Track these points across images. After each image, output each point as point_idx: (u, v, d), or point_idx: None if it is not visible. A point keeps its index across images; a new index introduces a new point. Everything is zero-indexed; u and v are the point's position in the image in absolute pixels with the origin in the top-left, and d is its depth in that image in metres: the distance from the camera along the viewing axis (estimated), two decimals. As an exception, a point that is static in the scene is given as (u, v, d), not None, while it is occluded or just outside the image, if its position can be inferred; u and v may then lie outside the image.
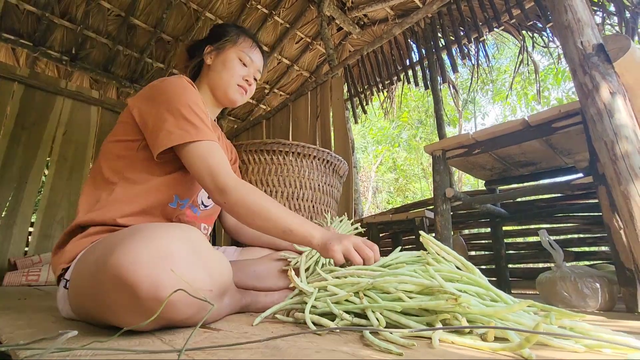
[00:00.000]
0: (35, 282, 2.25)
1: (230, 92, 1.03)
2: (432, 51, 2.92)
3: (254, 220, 0.79)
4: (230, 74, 1.01)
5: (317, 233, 0.79)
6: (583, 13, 1.10)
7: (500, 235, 2.02)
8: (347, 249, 0.75)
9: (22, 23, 3.02)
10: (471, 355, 0.45)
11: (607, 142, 0.98)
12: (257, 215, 0.79)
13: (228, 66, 1.02)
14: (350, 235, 0.79)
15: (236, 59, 1.03)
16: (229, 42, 1.04)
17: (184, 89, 0.85)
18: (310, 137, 3.09)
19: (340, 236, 0.78)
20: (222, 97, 1.04)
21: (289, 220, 0.79)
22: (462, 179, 8.97)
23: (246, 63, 1.04)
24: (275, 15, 3.49)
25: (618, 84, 1.01)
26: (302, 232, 0.78)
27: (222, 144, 1.10)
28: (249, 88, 1.06)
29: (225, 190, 0.78)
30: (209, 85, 1.04)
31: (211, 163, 0.80)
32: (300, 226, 0.78)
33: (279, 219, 0.78)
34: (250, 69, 1.05)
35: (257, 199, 0.79)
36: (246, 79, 1.04)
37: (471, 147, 1.52)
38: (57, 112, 3.07)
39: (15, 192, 2.74)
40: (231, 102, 1.05)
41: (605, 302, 1.10)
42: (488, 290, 0.61)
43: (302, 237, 0.78)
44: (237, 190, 0.79)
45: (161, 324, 0.58)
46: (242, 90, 1.04)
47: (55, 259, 0.80)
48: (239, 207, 0.79)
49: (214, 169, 0.80)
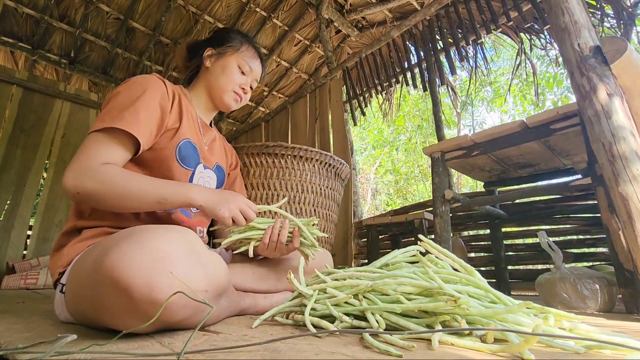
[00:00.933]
0: (34, 286, 2.24)
1: (226, 97, 1.03)
2: (431, 53, 2.94)
3: (122, 202, 0.74)
4: (228, 79, 1.02)
5: (197, 195, 0.78)
6: (580, 15, 1.11)
7: (500, 237, 2.02)
8: (235, 215, 0.79)
9: (21, 26, 3.02)
10: (470, 357, 0.45)
11: (604, 143, 0.99)
12: (124, 197, 0.73)
13: (227, 72, 1.02)
14: (236, 197, 0.82)
15: (236, 66, 1.03)
16: (231, 49, 1.04)
17: (142, 84, 0.85)
18: (309, 140, 3.09)
19: (226, 198, 0.80)
20: (217, 100, 1.04)
21: (160, 190, 0.76)
22: (461, 181, 8.98)
23: (245, 72, 1.05)
24: (274, 17, 3.50)
25: (615, 86, 1.02)
26: (179, 198, 0.77)
27: (217, 146, 1.09)
28: (244, 96, 1.07)
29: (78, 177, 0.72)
30: (206, 88, 1.04)
31: (85, 148, 0.75)
32: (177, 192, 0.77)
33: (147, 193, 0.74)
34: (248, 77, 1.06)
35: (118, 179, 0.73)
36: (243, 87, 1.05)
37: (470, 148, 1.53)
38: (55, 115, 3.07)
39: (14, 195, 2.74)
40: (225, 107, 1.06)
41: (604, 303, 1.10)
42: (487, 291, 0.61)
43: (181, 203, 0.77)
44: (94, 176, 0.72)
45: (158, 326, 0.58)
46: (238, 97, 1.05)
47: (52, 262, 0.80)
48: (101, 191, 0.72)
49: (80, 154, 0.74)
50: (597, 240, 1.92)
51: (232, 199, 0.81)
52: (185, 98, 1.00)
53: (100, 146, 0.76)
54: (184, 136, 0.92)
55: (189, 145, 0.93)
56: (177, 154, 0.90)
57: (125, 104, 0.80)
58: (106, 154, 0.76)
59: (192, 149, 0.94)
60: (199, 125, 1.02)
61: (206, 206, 0.78)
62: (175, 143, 0.90)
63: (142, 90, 0.84)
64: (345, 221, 2.68)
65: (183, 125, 0.93)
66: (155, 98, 0.85)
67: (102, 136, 0.77)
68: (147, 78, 0.88)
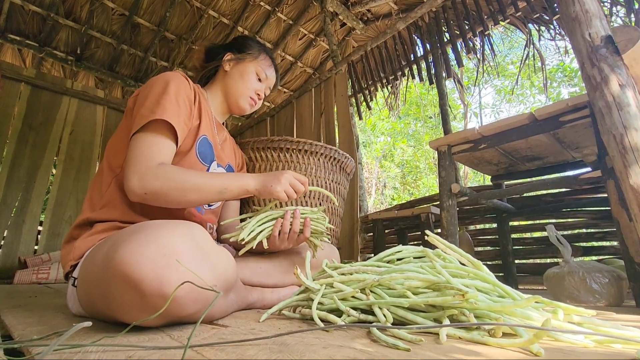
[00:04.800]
0: (45, 280, 2.28)
1: (242, 101, 1.07)
2: (437, 46, 2.90)
3: (186, 196, 0.78)
4: (246, 85, 1.06)
5: (251, 181, 0.84)
6: (591, 4, 1.09)
7: (507, 231, 2.01)
8: (287, 189, 0.83)
9: (28, 24, 3.04)
10: (479, 351, 0.45)
11: (615, 135, 0.97)
12: (187, 191, 0.77)
13: (245, 78, 1.06)
14: (285, 173, 0.85)
15: (254, 73, 1.08)
16: (250, 56, 1.09)
17: (173, 79, 0.88)
18: (314, 134, 3.09)
19: (275, 175, 0.85)
20: (233, 104, 1.08)
21: (218, 181, 0.81)
22: (468, 175, 8.91)
23: (262, 79, 1.10)
24: (278, 12, 3.48)
25: (627, 76, 1.00)
26: (237, 186, 0.82)
27: (228, 147, 1.12)
28: (259, 102, 1.12)
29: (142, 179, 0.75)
30: (223, 91, 1.08)
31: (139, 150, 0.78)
32: (234, 181, 0.82)
33: (208, 185, 0.80)
34: (264, 84, 1.11)
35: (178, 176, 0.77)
36: (258, 92, 1.10)
37: (477, 142, 1.51)
38: (63, 112, 3.10)
39: (24, 192, 2.78)
40: (240, 111, 1.10)
41: (613, 297, 1.09)
42: (495, 286, 0.61)
43: (239, 190, 0.82)
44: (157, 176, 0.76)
45: (168, 320, 0.59)
46: (253, 102, 1.09)
47: (64, 253, 0.82)
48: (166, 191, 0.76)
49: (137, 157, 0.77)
50: (607, 233, 1.89)
51: (282, 175, 0.84)
52: (203, 97, 1.03)
53: (152, 146, 0.79)
54: (202, 132, 0.95)
55: (206, 142, 0.97)
56: (196, 150, 0.93)
57: (158, 98, 0.83)
58: (158, 152, 0.79)
59: (208, 146, 0.97)
60: (214, 125, 1.05)
61: (260, 188, 0.84)
62: (196, 139, 0.93)
63: (172, 85, 0.87)
64: (351, 215, 2.67)
65: (202, 122, 0.96)
66: (183, 93, 0.88)
67: (148, 135, 0.80)
68: (173, 74, 0.91)
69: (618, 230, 1.07)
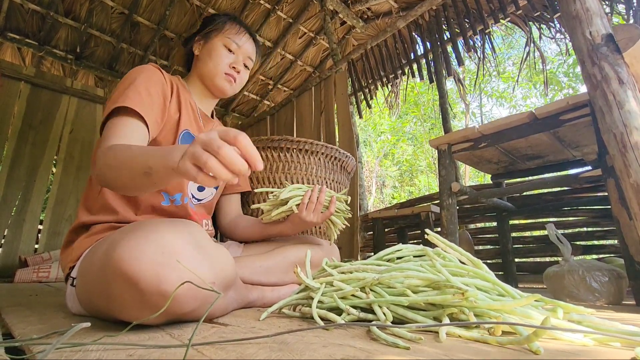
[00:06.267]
0: (46, 279, 2.28)
1: (217, 80, 0.99)
2: (437, 44, 2.89)
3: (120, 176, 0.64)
4: (215, 62, 0.98)
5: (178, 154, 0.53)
6: (592, 2, 1.08)
7: (507, 229, 2.01)
8: (194, 156, 0.49)
9: (27, 22, 3.04)
10: (479, 349, 0.45)
11: (616, 133, 0.97)
12: (116, 169, 0.64)
13: (213, 55, 0.99)
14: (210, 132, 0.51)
15: (222, 47, 0.99)
16: (215, 31, 1.01)
17: (142, 72, 0.85)
18: (314, 133, 3.09)
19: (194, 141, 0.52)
20: (212, 86, 1.01)
21: (142, 159, 0.59)
22: (468, 173, 8.91)
23: (232, 49, 1.00)
24: (278, 10, 3.47)
25: (628, 75, 1.00)
26: (162, 165, 0.56)
27: None
28: (238, 76, 1.02)
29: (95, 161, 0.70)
30: (198, 76, 1.03)
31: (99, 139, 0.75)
32: (160, 158, 0.56)
33: (134, 164, 0.60)
34: (238, 56, 1.01)
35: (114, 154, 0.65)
36: (233, 66, 1.00)
37: (477, 140, 1.51)
38: (63, 111, 3.10)
39: (24, 191, 2.78)
40: (220, 92, 1.02)
41: (613, 295, 1.09)
42: (495, 284, 0.61)
43: (165, 172, 0.56)
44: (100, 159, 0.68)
45: (168, 318, 0.59)
46: (230, 78, 1.00)
47: (63, 257, 0.82)
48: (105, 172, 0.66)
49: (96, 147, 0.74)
50: (607, 232, 1.89)
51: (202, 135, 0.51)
52: (184, 89, 0.99)
53: (109, 131, 0.75)
54: (184, 127, 0.92)
55: (189, 136, 0.94)
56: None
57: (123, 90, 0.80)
58: (114, 134, 0.74)
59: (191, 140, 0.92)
60: (199, 116, 1.01)
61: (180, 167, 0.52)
62: (176, 134, 0.90)
63: (140, 77, 0.83)
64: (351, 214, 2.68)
65: (182, 116, 0.92)
66: (153, 84, 0.85)
67: (108, 124, 0.77)
68: (143, 67, 0.88)
69: (618, 229, 1.07)
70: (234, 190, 1.15)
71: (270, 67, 3.94)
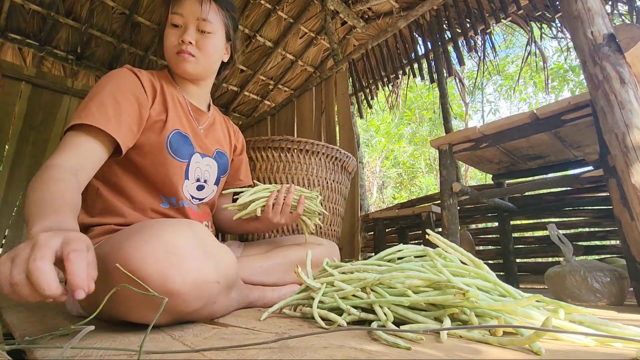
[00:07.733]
0: (47, 279, 2.29)
1: (174, 62, 0.91)
2: (438, 44, 2.89)
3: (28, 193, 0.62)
4: (165, 46, 0.91)
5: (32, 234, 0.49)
6: (593, 2, 1.08)
7: (508, 230, 2.00)
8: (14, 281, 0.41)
9: (28, 23, 3.04)
10: (479, 350, 0.45)
11: (617, 134, 0.96)
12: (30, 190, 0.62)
13: (164, 38, 0.91)
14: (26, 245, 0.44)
15: (169, 26, 0.90)
16: (166, 10, 0.92)
17: (112, 78, 0.82)
18: (315, 133, 3.09)
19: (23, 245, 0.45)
20: (175, 71, 0.94)
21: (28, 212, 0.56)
22: (469, 173, 8.90)
23: (176, 22, 0.89)
24: (278, 10, 3.47)
25: (629, 75, 0.99)
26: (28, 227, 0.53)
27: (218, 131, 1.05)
28: (194, 47, 0.90)
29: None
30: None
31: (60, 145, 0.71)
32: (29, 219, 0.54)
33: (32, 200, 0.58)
34: (187, 25, 0.89)
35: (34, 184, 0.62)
36: (182, 40, 0.88)
37: (478, 141, 1.50)
38: (64, 111, 3.10)
39: (25, 191, 2.78)
40: (182, 73, 0.92)
41: (615, 296, 1.09)
42: (496, 285, 0.61)
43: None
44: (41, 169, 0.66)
45: (174, 317, 0.59)
46: (183, 54, 0.89)
47: None
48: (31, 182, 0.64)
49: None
50: (608, 232, 1.89)
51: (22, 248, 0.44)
52: (170, 85, 0.95)
53: (64, 145, 0.71)
54: (172, 127, 0.88)
55: (179, 136, 0.89)
56: (168, 148, 0.86)
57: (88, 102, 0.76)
58: (65, 153, 0.69)
59: (183, 140, 0.90)
60: (189, 111, 0.96)
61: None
62: (165, 136, 0.86)
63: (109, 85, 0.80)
64: (352, 214, 2.68)
65: (170, 116, 0.89)
66: (125, 90, 0.80)
67: (67, 136, 0.73)
68: (115, 72, 0.84)
69: (620, 229, 1.07)
70: (235, 185, 1.14)
71: (270, 67, 3.94)
